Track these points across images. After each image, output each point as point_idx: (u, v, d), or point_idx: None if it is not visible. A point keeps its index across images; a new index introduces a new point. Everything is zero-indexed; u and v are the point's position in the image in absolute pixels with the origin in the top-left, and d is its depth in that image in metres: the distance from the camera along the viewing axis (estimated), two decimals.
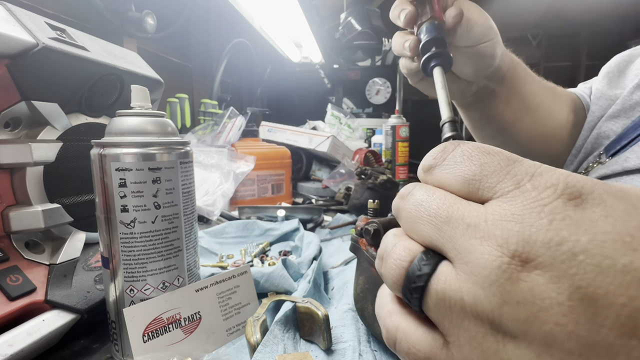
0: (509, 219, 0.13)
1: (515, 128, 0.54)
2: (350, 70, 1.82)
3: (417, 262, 0.15)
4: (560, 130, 0.54)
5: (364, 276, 0.33)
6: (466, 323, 0.14)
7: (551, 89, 0.55)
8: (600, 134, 0.48)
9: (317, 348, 0.33)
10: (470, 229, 0.14)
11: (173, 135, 0.32)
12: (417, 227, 0.16)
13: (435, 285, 0.14)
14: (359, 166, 0.84)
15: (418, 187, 0.17)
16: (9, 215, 0.33)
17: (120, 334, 0.31)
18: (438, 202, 0.15)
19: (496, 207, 0.14)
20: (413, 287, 0.15)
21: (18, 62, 0.31)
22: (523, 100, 0.51)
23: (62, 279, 0.34)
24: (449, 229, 0.15)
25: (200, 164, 0.87)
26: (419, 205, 0.16)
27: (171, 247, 0.31)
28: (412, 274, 0.15)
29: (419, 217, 0.16)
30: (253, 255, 0.56)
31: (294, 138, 1.16)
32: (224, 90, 1.45)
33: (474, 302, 0.13)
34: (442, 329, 0.15)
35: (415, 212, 0.16)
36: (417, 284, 0.15)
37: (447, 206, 0.15)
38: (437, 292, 0.14)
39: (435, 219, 0.15)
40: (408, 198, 0.17)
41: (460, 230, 0.14)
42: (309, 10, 1.19)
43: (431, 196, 0.16)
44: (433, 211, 0.15)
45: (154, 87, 0.48)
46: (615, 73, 0.52)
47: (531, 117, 0.53)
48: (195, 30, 1.42)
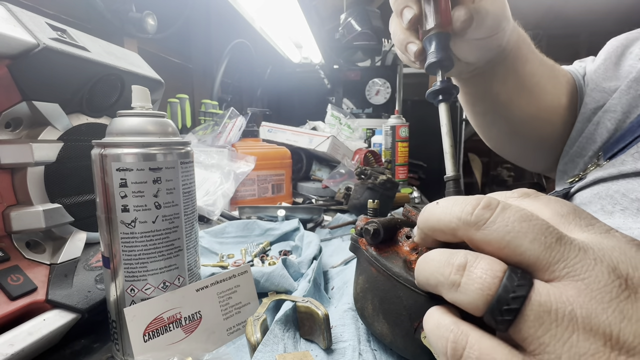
0: (613, 249, 0.15)
1: (508, 107, 0.52)
2: (350, 71, 1.82)
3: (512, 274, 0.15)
4: (552, 113, 0.53)
5: (364, 276, 0.33)
6: (574, 337, 0.14)
7: (549, 68, 0.52)
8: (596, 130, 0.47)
9: (317, 347, 0.33)
10: (582, 252, 0.15)
11: (174, 135, 0.32)
12: (518, 242, 0.16)
13: (537, 297, 0.15)
14: (359, 166, 0.84)
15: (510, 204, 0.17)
16: (10, 215, 0.33)
17: (121, 333, 0.31)
18: (544, 223, 0.16)
19: (596, 239, 0.16)
20: (512, 296, 0.15)
21: (19, 62, 0.31)
22: (520, 81, 0.49)
23: (63, 279, 0.34)
24: (560, 248, 0.15)
25: (200, 164, 0.87)
26: (524, 220, 0.16)
27: (172, 247, 0.31)
28: (511, 285, 0.15)
29: (526, 232, 0.16)
30: (253, 254, 0.56)
31: (294, 138, 1.16)
32: (225, 91, 1.45)
33: (589, 315, 0.14)
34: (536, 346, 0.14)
35: (516, 226, 0.16)
36: (517, 293, 0.15)
37: (554, 227, 0.16)
38: (540, 303, 0.14)
39: (546, 237, 0.15)
40: (503, 212, 0.17)
41: (574, 251, 0.15)
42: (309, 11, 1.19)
43: (533, 216, 0.16)
44: (543, 229, 0.16)
45: (154, 88, 0.48)
46: (612, 60, 0.50)
47: (526, 98, 0.51)
48: (195, 31, 1.43)
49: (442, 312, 0.18)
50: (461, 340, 0.16)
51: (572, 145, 0.50)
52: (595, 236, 0.16)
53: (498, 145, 0.61)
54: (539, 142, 0.56)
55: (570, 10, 2.94)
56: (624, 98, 0.44)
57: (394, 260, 0.30)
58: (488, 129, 0.58)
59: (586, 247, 0.15)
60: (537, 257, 0.15)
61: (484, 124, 0.58)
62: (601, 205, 0.37)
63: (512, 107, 0.52)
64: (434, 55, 0.37)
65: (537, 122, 0.53)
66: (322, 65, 1.89)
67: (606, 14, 2.88)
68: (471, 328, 0.16)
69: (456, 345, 0.16)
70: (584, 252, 0.15)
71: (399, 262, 0.30)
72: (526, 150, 0.59)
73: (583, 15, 2.97)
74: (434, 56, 0.36)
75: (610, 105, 0.46)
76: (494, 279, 0.15)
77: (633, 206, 0.33)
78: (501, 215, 0.16)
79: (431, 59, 0.37)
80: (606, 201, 0.36)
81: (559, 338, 0.14)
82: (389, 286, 0.30)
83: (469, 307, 0.16)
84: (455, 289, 0.16)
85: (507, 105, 0.52)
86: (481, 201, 0.17)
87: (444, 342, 0.17)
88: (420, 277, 0.20)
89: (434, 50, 0.37)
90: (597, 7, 2.82)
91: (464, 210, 0.17)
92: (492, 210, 0.17)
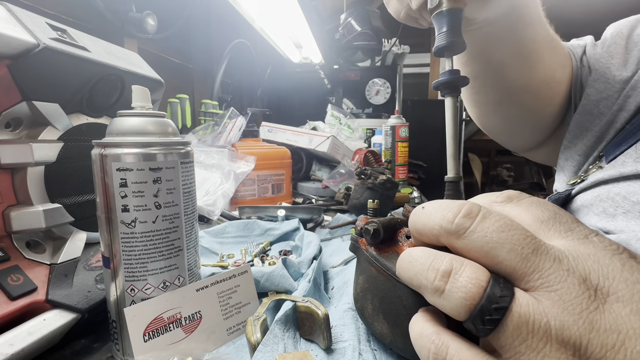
0: (587, 258, 0.16)
1: (499, 73, 0.48)
2: (350, 71, 1.82)
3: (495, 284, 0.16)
4: (544, 86, 0.49)
5: (364, 276, 0.33)
6: (547, 347, 0.14)
7: (550, 39, 0.48)
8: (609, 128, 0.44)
9: (317, 347, 0.33)
10: (556, 262, 0.16)
11: (174, 135, 0.32)
12: (496, 252, 0.16)
13: (518, 308, 0.15)
14: (359, 166, 0.84)
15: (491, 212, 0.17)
16: (10, 215, 0.33)
17: (121, 333, 0.31)
18: (522, 233, 0.16)
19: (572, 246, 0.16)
20: (495, 307, 0.15)
21: (19, 62, 0.31)
22: (518, 45, 0.45)
23: (63, 279, 0.34)
24: (536, 259, 0.16)
25: (200, 164, 0.87)
26: (502, 230, 0.16)
27: (172, 247, 0.31)
28: (494, 295, 0.15)
29: (503, 243, 0.16)
30: (253, 254, 0.56)
31: (294, 138, 1.17)
32: (225, 91, 1.45)
33: (562, 326, 0.14)
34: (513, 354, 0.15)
35: (494, 237, 0.16)
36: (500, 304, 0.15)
37: (532, 238, 0.16)
38: (520, 315, 0.15)
39: (523, 249, 0.16)
40: (483, 221, 0.17)
41: (548, 262, 0.16)
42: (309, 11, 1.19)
43: (513, 225, 0.17)
44: (520, 240, 0.16)
45: (154, 88, 0.48)
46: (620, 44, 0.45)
47: (519, 65, 0.47)
48: (195, 31, 1.43)
49: (426, 320, 0.19)
50: (442, 352, 0.17)
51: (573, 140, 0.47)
52: (572, 243, 0.17)
53: (481, 116, 0.57)
54: (524, 116, 0.52)
55: (570, 11, 2.94)
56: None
57: (394, 260, 0.30)
58: (475, 95, 0.55)
59: (561, 256, 0.16)
60: (513, 267, 0.16)
61: (471, 89, 0.54)
62: (603, 207, 0.36)
63: (504, 72, 0.48)
64: (444, 38, 0.32)
65: (526, 94, 0.49)
66: (322, 65, 1.89)
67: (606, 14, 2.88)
68: (452, 338, 0.17)
69: (437, 356, 0.17)
70: (558, 262, 0.16)
71: None
72: (509, 123, 0.55)
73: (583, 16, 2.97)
74: (444, 38, 0.32)
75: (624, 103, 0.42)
76: (479, 288, 0.16)
77: (635, 209, 0.33)
78: (481, 224, 0.17)
79: (441, 42, 0.32)
80: (607, 204, 0.36)
81: (534, 348, 0.15)
82: (389, 286, 0.30)
83: (451, 313, 0.17)
84: (439, 294, 0.17)
85: (498, 70, 0.48)
86: (463, 208, 0.17)
87: (426, 353, 0.17)
88: (402, 274, 0.20)
89: (445, 31, 0.32)
90: (597, 7, 2.82)
91: (445, 218, 0.18)
92: (473, 219, 0.17)
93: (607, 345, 0.14)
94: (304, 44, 1.53)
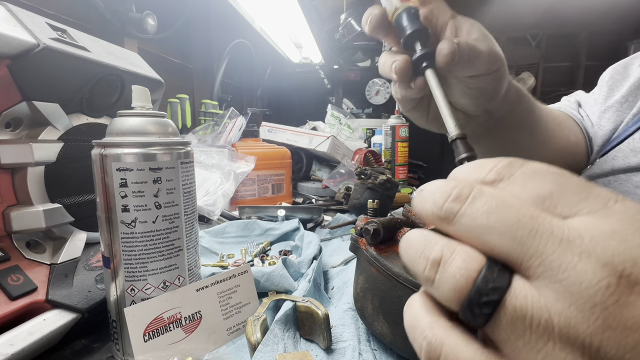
0: (610, 237, 0.12)
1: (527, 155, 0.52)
2: (350, 71, 1.82)
3: (488, 274, 0.14)
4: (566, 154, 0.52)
5: (364, 276, 0.33)
6: (549, 346, 0.12)
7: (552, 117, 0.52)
8: None
9: (317, 347, 0.33)
10: (564, 244, 0.13)
11: (174, 135, 0.32)
12: (486, 237, 0.14)
13: (513, 301, 0.13)
14: (359, 166, 0.84)
15: (482, 192, 0.15)
16: (10, 215, 0.33)
17: (121, 333, 0.31)
18: (518, 211, 0.14)
19: (589, 223, 0.13)
20: (485, 300, 0.13)
21: (19, 62, 0.31)
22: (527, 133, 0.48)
23: (63, 279, 0.34)
24: (534, 242, 0.13)
25: (200, 164, 0.87)
26: (492, 212, 0.14)
27: (172, 247, 0.31)
28: (484, 286, 0.14)
29: (492, 226, 0.14)
30: (253, 254, 0.56)
31: (294, 138, 1.17)
32: (225, 91, 1.45)
33: (567, 324, 0.12)
34: (511, 350, 0.13)
35: (483, 219, 0.14)
36: (490, 297, 0.13)
37: (530, 217, 0.14)
38: (515, 308, 0.13)
39: (517, 230, 0.13)
40: (472, 203, 0.15)
41: (552, 245, 0.13)
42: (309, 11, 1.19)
43: (506, 204, 0.14)
44: (512, 221, 0.14)
45: (154, 88, 0.48)
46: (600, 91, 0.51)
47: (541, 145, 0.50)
48: (195, 31, 1.43)
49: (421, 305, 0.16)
50: (435, 350, 0.15)
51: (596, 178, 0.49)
52: (587, 218, 0.13)
53: None
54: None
55: (569, 10, 2.94)
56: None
57: (394, 260, 0.30)
58: None
59: (572, 236, 0.13)
60: (507, 253, 0.14)
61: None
62: None
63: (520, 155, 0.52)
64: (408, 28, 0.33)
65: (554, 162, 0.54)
66: (322, 65, 1.89)
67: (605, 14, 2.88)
68: (447, 333, 0.15)
69: (430, 355, 0.15)
70: (566, 244, 0.13)
71: (399, 262, 0.30)
72: None
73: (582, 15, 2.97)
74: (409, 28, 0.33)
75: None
76: (467, 279, 0.14)
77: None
78: (470, 207, 0.15)
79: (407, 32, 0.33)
80: None
81: (533, 346, 0.13)
82: (389, 286, 0.30)
83: (444, 303, 0.15)
84: (430, 284, 0.16)
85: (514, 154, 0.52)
86: (453, 191, 0.15)
87: (418, 348, 0.16)
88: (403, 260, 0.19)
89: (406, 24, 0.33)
90: (596, 7, 2.82)
91: (435, 204, 0.16)
92: (462, 202, 0.15)
93: (626, 346, 0.11)
94: (304, 44, 1.53)
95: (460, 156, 0.25)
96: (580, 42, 3.32)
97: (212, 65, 1.46)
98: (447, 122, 0.27)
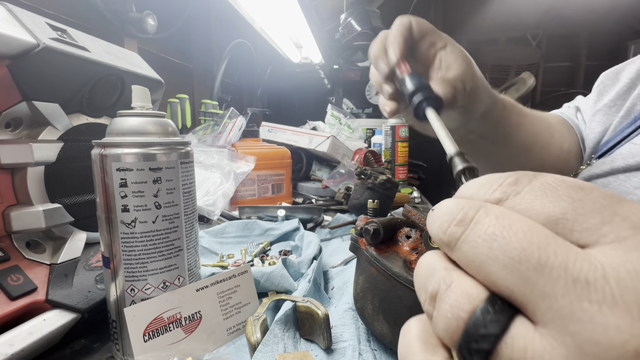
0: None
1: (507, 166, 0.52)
2: (350, 71, 1.82)
3: (481, 315, 0.12)
4: (557, 160, 0.53)
5: (364, 276, 0.33)
6: None
7: (545, 123, 0.53)
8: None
9: (317, 347, 0.33)
10: (580, 286, 0.10)
11: (174, 135, 0.32)
12: (487, 269, 0.12)
13: (508, 351, 0.11)
14: (359, 166, 0.84)
15: (487, 214, 0.13)
16: (10, 215, 0.33)
17: (121, 333, 0.31)
18: (523, 238, 0.11)
19: (615, 257, 0.10)
20: (474, 348, 0.12)
21: (19, 62, 0.31)
22: (516, 143, 0.50)
23: (63, 279, 0.34)
24: (541, 280, 0.11)
25: (200, 164, 0.87)
26: (494, 239, 0.12)
27: (172, 247, 0.31)
28: (475, 331, 0.12)
29: (494, 257, 0.12)
30: (253, 254, 0.56)
31: (294, 138, 1.17)
32: (225, 91, 1.45)
33: None
34: None
35: (484, 248, 0.12)
36: (480, 345, 0.11)
37: (538, 246, 0.11)
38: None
39: (521, 264, 0.11)
40: (474, 228, 0.13)
41: (564, 286, 0.10)
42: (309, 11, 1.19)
43: (510, 229, 0.12)
44: (517, 251, 0.11)
45: (154, 88, 0.48)
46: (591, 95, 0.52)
47: (524, 155, 0.51)
48: (195, 31, 1.43)
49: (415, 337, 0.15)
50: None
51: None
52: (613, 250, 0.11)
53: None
54: None
55: (570, 10, 2.94)
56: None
57: (394, 260, 0.30)
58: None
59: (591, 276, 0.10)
60: (511, 290, 0.11)
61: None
62: None
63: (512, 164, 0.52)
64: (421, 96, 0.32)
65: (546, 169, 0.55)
66: (322, 65, 1.89)
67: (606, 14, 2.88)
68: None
69: None
70: (583, 286, 0.10)
71: (399, 262, 0.30)
72: None
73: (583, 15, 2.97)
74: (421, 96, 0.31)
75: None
76: (458, 320, 0.12)
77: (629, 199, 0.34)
78: (471, 232, 0.13)
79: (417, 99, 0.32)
80: None
81: None
82: (389, 286, 0.30)
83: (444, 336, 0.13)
84: (430, 318, 0.14)
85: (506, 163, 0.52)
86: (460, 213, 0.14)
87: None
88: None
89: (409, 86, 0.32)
90: (596, 7, 2.82)
91: (441, 227, 0.14)
92: (465, 227, 0.13)
93: None
94: (304, 44, 1.53)
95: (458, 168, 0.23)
96: (581, 42, 3.32)
97: (212, 65, 1.46)
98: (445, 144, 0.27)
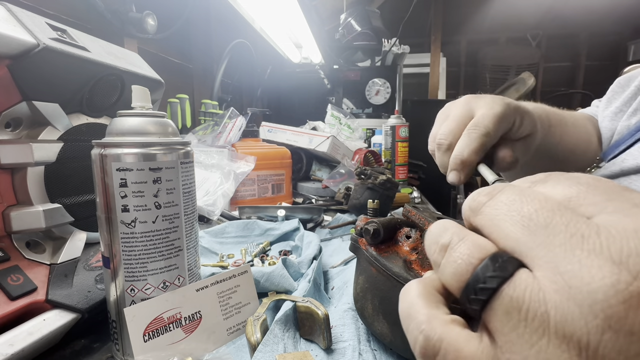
0: (632, 236, 0.12)
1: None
2: (350, 71, 1.82)
3: (490, 262, 0.14)
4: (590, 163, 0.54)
5: (364, 276, 0.33)
6: (543, 342, 0.12)
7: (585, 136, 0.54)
8: None
9: (317, 347, 0.33)
10: (574, 239, 0.12)
11: (174, 135, 0.32)
12: (501, 225, 0.14)
13: (510, 291, 0.13)
14: (359, 166, 0.84)
15: (511, 187, 0.15)
16: (10, 215, 0.33)
17: (121, 333, 0.31)
18: (537, 204, 0.14)
19: (611, 220, 0.13)
20: (480, 287, 0.13)
21: (19, 62, 0.31)
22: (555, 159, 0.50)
23: (63, 279, 0.34)
24: (544, 233, 0.13)
25: (200, 164, 0.87)
26: (511, 203, 0.15)
27: (172, 247, 0.31)
28: (483, 274, 0.14)
29: (507, 215, 0.14)
30: (253, 254, 0.56)
31: (294, 138, 1.16)
32: (225, 91, 1.45)
33: (563, 320, 0.12)
34: (505, 342, 0.13)
35: (503, 209, 0.15)
36: (487, 284, 0.13)
37: (548, 210, 0.13)
38: (511, 298, 0.13)
39: (530, 221, 0.13)
40: (499, 195, 0.15)
41: (561, 238, 0.13)
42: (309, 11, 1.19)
43: (529, 197, 0.14)
44: (528, 212, 0.14)
45: (154, 88, 0.48)
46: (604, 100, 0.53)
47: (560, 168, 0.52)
48: (195, 31, 1.43)
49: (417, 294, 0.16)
50: (433, 347, 0.14)
51: None
52: (611, 216, 0.13)
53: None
54: None
55: (570, 11, 2.94)
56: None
57: (394, 260, 0.30)
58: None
59: (587, 232, 0.12)
60: (516, 240, 0.14)
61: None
62: None
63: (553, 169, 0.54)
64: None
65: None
66: (322, 66, 1.89)
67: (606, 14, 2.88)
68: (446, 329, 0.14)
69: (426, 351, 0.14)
70: (578, 238, 0.12)
71: (399, 262, 0.30)
72: None
73: (583, 16, 2.97)
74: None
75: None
76: (468, 265, 0.14)
77: None
78: (496, 198, 0.15)
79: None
80: None
81: (527, 340, 0.12)
82: (389, 286, 0.30)
83: (447, 287, 0.15)
84: (437, 267, 0.16)
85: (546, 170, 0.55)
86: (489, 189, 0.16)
87: (413, 340, 0.15)
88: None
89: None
90: (596, 7, 2.82)
91: (471, 198, 0.17)
92: (492, 195, 0.16)
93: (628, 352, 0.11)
94: (304, 44, 1.53)
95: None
96: (581, 42, 3.32)
97: (212, 65, 1.46)
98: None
